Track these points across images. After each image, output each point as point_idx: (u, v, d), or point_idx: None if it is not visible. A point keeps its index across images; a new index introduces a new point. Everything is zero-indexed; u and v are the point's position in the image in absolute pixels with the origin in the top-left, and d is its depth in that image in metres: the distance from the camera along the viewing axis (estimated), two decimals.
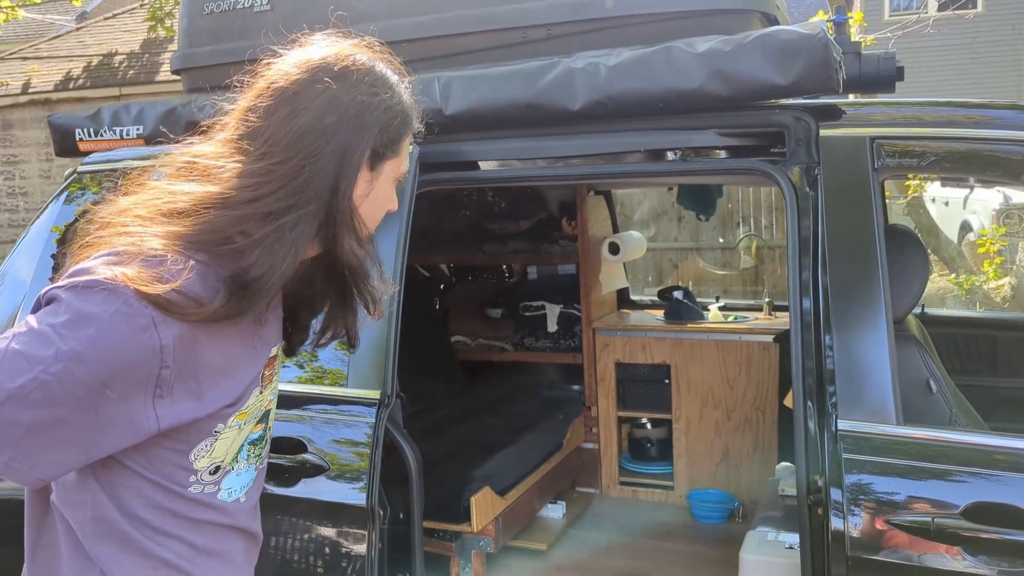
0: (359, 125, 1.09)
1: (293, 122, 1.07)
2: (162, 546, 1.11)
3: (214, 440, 1.10)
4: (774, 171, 1.90)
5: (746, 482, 3.32)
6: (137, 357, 0.96)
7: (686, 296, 3.60)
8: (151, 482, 1.08)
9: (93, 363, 0.94)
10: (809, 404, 1.73)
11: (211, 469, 1.13)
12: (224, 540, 1.18)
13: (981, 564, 1.53)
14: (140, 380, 0.98)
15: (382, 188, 1.16)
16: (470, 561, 2.66)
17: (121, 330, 0.95)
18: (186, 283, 0.99)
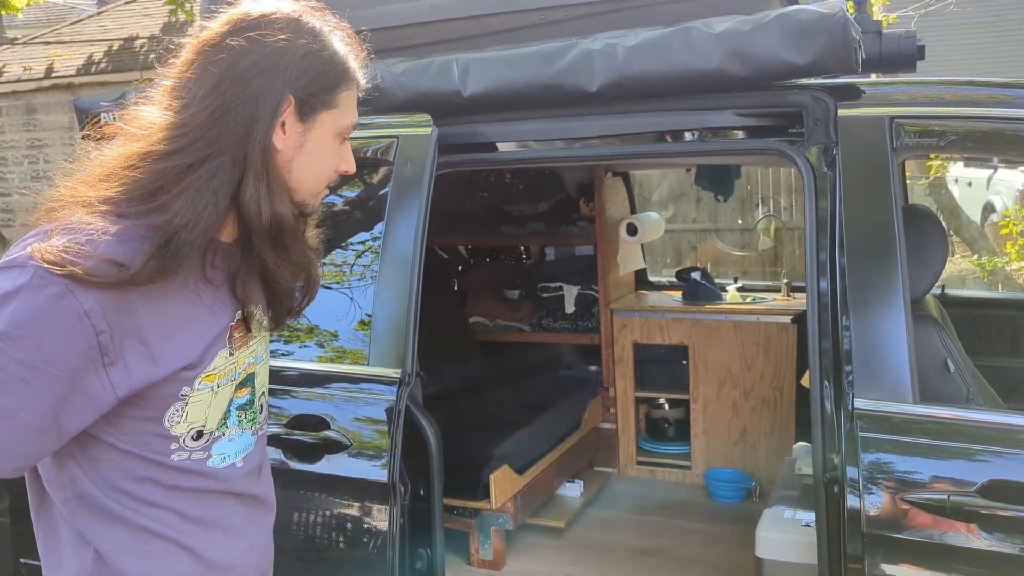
0: (274, 70, 1.07)
1: (210, 70, 1.06)
2: (150, 517, 1.10)
3: (184, 404, 1.09)
4: (792, 151, 1.90)
5: (763, 461, 3.34)
6: (63, 326, 0.96)
7: (704, 277, 3.61)
8: (129, 454, 1.08)
9: (23, 340, 0.95)
10: (826, 383, 1.74)
11: (193, 435, 1.11)
12: (219, 507, 1.17)
13: (997, 541, 1.54)
14: (81, 351, 0.98)
15: (319, 141, 1.13)
16: (489, 538, 2.70)
17: (37, 302, 0.95)
18: (103, 246, 0.98)
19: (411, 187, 2.11)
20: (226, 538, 1.18)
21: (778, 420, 3.32)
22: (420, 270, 2.06)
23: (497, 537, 2.72)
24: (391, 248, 2.10)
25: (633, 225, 3.60)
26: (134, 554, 1.10)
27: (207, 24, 1.12)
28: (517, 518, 2.75)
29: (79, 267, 0.96)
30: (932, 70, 2.24)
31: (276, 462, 2.02)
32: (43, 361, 0.96)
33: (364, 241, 2.23)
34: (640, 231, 3.59)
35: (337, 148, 1.17)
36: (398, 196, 2.12)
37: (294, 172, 1.12)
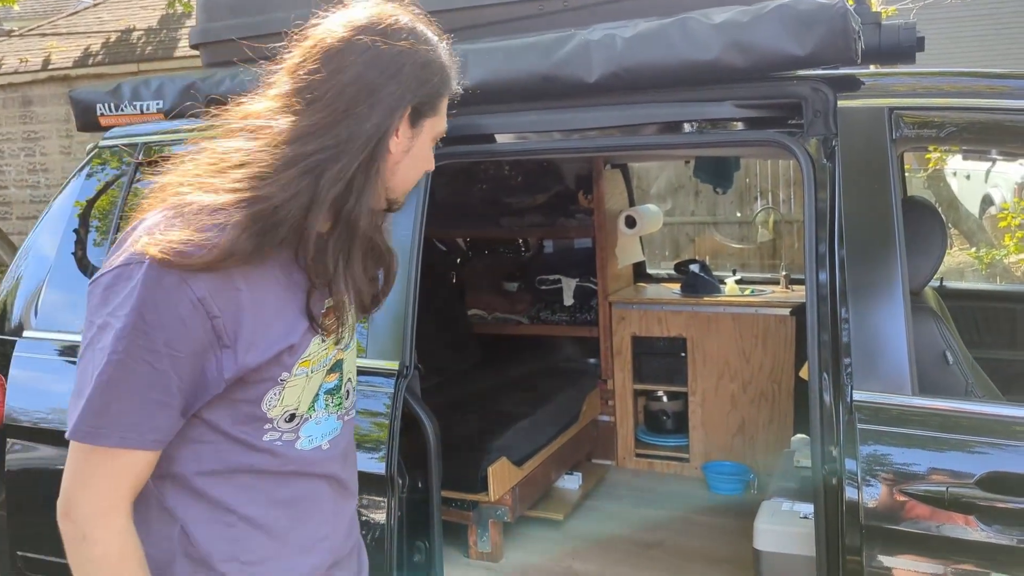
0: (399, 79, 1.13)
1: (338, 77, 1.11)
2: (236, 499, 1.15)
3: (282, 388, 1.15)
4: (791, 143, 1.90)
5: (761, 454, 3.34)
6: (182, 313, 1.04)
7: (702, 269, 3.61)
8: (226, 435, 1.14)
9: (150, 328, 1.03)
10: (825, 376, 1.74)
11: (286, 417, 1.17)
12: (304, 489, 1.21)
13: (996, 533, 1.55)
14: (197, 336, 1.06)
15: (422, 146, 1.20)
16: (487, 530, 2.70)
17: (157, 293, 1.04)
18: (203, 232, 1.04)
19: None
20: (308, 521, 1.22)
21: (776, 412, 3.32)
22: (418, 262, 2.05)
23: (495, 529, 2.72)
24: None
25: (632, 217, 3.59)
26: (219, 536, 1.15)
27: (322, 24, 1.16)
28: (515, 510, 2.75)
29: (185, 255, 1.03)
30: (930, 62, 2.23)
31: None
32: (165, 344, 1.04)
33: None
34: (639, 223, 3.58)
35: (430, 151, 1.23)
36: None
37: (398, 173, 1.19)
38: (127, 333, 1.03)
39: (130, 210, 2.56)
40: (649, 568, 2.66)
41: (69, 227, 2.55)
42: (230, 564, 1.16)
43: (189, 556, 1.15)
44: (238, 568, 1.16)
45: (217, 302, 1.06)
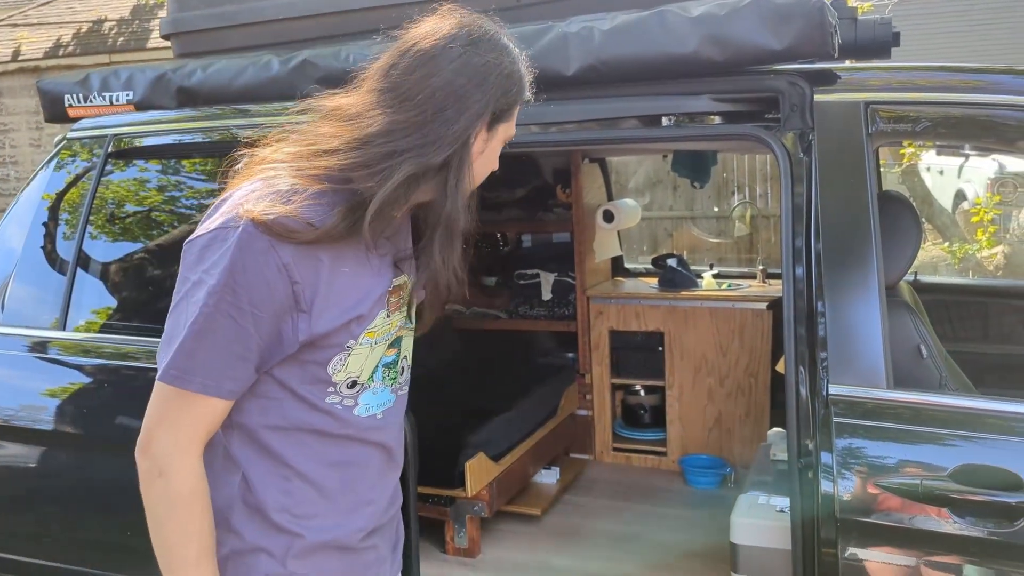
0: (485, 87, 1.22)
1: (430, 81, 1.19)
2: (295, 456, 1.25)
3: (347, 355, 1.24)
4: (768, 137, 1.89)
5: (738, 447, 3.36)
6: (268, 276, 1.15)
7: (680, 264, 3.61)
8: (293, 393, 1.24)
9: (238, 287, 1.14)
10: (801, 369, 1.74)
11: (348, 383, 1.27)
12: (357, 453, 1.31)
13: (968, 525, 1.56)
14: (279, 298, 1.16)
15: (494, 149, 1.30)
16: (464, 526, 2.70)
17: (247, 256, 1.14)
18: (302, 209, 1.15)
19: None
20: (357, 485, 1.32)
21: (753, 406, 3.34)
22: None
23: (472, 525, 2.71)
24: None
25: (610, 212, 3.59)
26: (275, 488, 1.26)
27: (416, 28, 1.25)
28: (493, 506, 2.75)
29: (280, 225, 1.14)
30: (905, 58, 2.24)
31: None
32: (249, 303, 1.15)
33: None
34: (617, 218, 3.58)
35: (498, 153, 1.32)
36: None
37: (473, 171, 1.26)
38: (218, 289, 1.14)
39: (100, 202, 2.52)
40: (626, 561, 2.66)
41: (38, 220, 2.50)
42: (282, 514, 1.26)
43: (246, 503, 1.26)
44: (288, 519, 1.26)
45: (299, 270, 1.16)
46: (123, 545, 2.18)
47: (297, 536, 1.26)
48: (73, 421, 2.27)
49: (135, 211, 2.54)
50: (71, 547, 2.25)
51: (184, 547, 1.19)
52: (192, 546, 1.19)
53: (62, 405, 2.26)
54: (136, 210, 2.54)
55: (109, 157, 2.49)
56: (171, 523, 1.19)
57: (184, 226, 2.43)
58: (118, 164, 2.52)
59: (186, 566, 1.19)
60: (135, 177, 2.56)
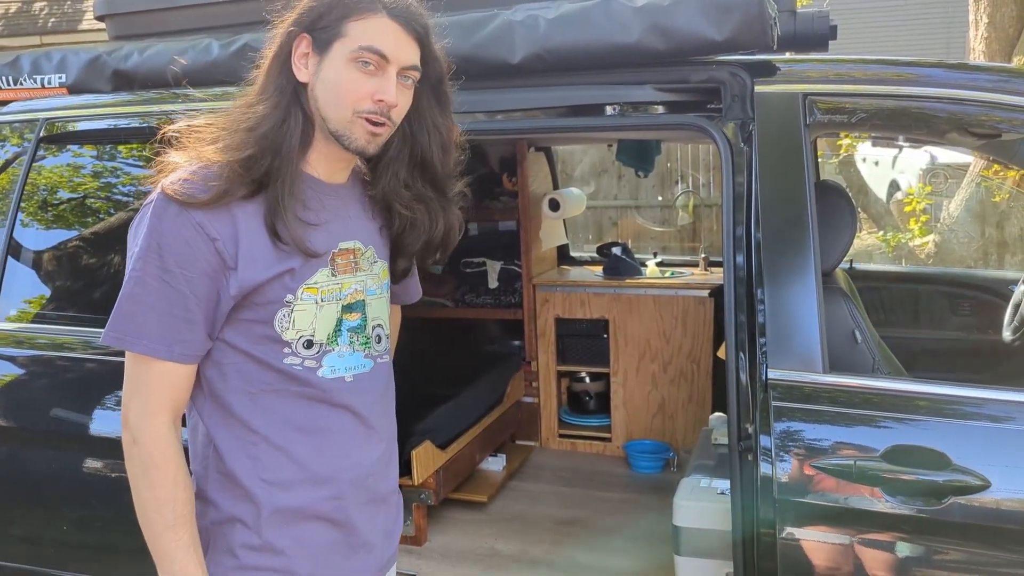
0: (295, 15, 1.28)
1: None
2: (261, 421, 1.28)
3: (290, 311, 1.27)
4: (710, 126, 1.92)
5: (681, 432, 3.42)
6: (186, 235, 1.20)
7: (624, 252, 3.65)
8: (248, 355, 1.27)
9: (162, 250, 1.20)
10: (741, 355, 1.78)
11: (303, 343, 1.28)
12: (324, 418, 1.31)
13: (899, 504, 1.61)
14: (204, 256, 1.21)
15: (339, 70, 1.26)
16: (411, 514, 2.69)
17: (164, 221, 1.21)
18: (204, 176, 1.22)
19: None
20: (327, 449, 1.31)
21: (695, 392, 3.40)
22: None
23: (419, 513, 2.71)
24: None
25: (555, 200, 3.61)
26: (243, 454, 1.28)
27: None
28: (439, 493, 2.75)
29: (185, 193, 1.21)
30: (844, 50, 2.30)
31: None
32: (176, 264, 1.21)
33: None
34: (562, 207, 3.60)
35: (354, 74, 1.26)
36: None
37: (319, 100, 1.29)
38: (143, 254, 1.21)
39: (32, 189, 2.44)
40: (570, 545, 2.70)
41: None
42: (252, 480, 1.28)
43: (219, 471, 1.29)
44: (261, 486, 1.28)
45: (215, 227, 1.21)
46: (57, 539, 2.12)
47: (267, 502, 1.27)
48: (6, 414, 2.20)
49: (69, 198, 2.47)
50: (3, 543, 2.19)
51: (159, 512, 1.21)
52: (166, 511, 1.22)
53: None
54: (70, 197, 2.46)
55: (41, 142, 2.41)
56: (146, 490, 1.22)
57: (120, 213, 2.37)
58: (51, 149, 2.44)
59: (164, 530, 1.22)
60: (68, 163, 2.48)
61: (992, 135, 1.93)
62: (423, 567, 2.55)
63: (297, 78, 1.29)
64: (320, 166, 1.35)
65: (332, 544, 1.33)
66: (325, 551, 1.32)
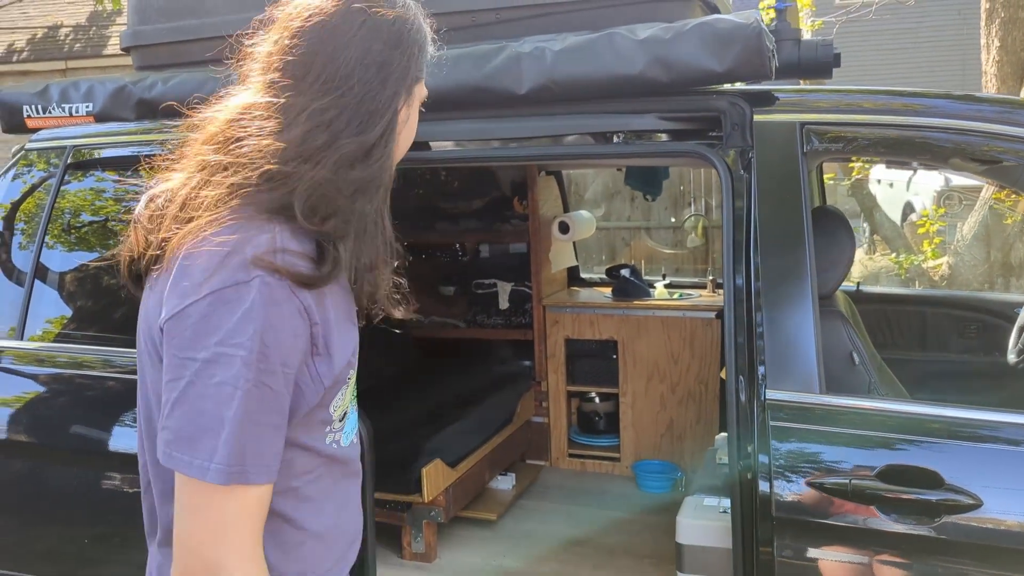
0: (403, 47, 1.09)
1: (344, 53, 1.05)
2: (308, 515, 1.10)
3: (346, 388, 1.12)
4: (711, 154, 1.99)
5: (689, 452, 3.45)
6: (295, 326, 0.99)
7: (633, 274, 3.71)
8: (300, 447, 1.07)
9: (269, 351, 0.96)
10: (740, 376, 1.83)
11: (340, 416, 1.13)
12: (348, 489, 1.18)
13: (893, 522, 1.65)
14: (303, 347, 1.01)
15: (414, 114, 1.17)
16: (421, 531, 2.75)
17: (273, 310, 0.97)
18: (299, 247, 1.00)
19: None
20: (346, 521, 1.19)
21: (703, 412, 3.44)
22: None
23: (429, 530, 2.76)
24: None
25: (565, 223, 3.68)
26: (290, 554, 1.10)
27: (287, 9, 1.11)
28: (449, 511, 2.80)
29: (296, 271, 0.99)
30: (854, 73, 2.35)
31: None
32: (281, 364, 0.98)
33: None
34: (572, 229, 3.67)
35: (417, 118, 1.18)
36: None
37: (399, 145, 1.16)
38: (254, 360, 0.95)
39: (58, 213, 2.54)
40: (576, 564, 2.73)
41: None
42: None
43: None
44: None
45: (317, 309, 1.02)
46: (78, 554, 2.19)
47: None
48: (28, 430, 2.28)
49: (93, 221, 2.56)
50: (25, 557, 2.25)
51: None
52: None
53: (17, 414, 2.27)
54: (94, 220, 2.56)
55: (68, 168, 2.50)
56: None
57: None
58: (76, 175, 2.54)
59: None
60: (93, 187, 2.57)
61: (992, 162, 1.98)
62: None
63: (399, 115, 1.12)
64: None
65: None
66: None
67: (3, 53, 10.87)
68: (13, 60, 10.77)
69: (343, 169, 1.05)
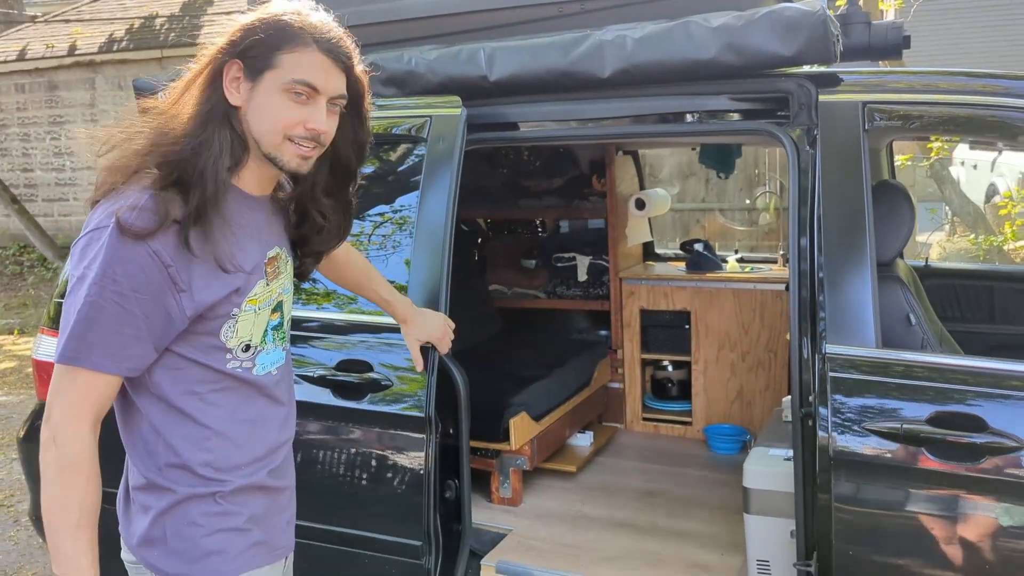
0: (226, 41, 1.37)
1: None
2: (211, 417, 1.44)
3: (235, 322, 1.42)
4: (779, 132, 2.17)
5: (758, 417, 3.62)
6: (142, 263, 1.30)
7: (706, 248, 3.88)
8: (196, 363, 1.41)
9: (115, 276, 1.29)
10: (803, 332, 2.03)
11: (243, 347, 1.45)
12: (261, 408, 1.51)
13: (941, 461, 1.83)
14: (157, 280, 1.32)
15: (269, 97, 1.37)
16: (508, 477, 3.01)
17: (121, 251, 1.30)
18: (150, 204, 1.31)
19: (443, 162, 2.39)
20: (264, 433, 1.53)
21: (772, 379, 3.61)
22: (452, 236, 2.33)
23: (515, 477, 3.02)
24: (425, 216, 2.38)
25: (641, 200, 3.87)
26: (196, 448, 1.44)
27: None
28: (533, 460, 3.05)
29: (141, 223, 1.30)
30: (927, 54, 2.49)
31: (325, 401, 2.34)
32: (131, 289, 1.31)
33: (400, 210, 2.52)
34: (648, 206, 3.86)
35: (284, 102, 1.38)
36: (432, 170, 2.40)
37: (253, 124, 1.40)
38: (99, 280, 1.29)
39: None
40: (651, 512, 2.95)
41: None
42: (206, 469, 1.44)
43: (173, 464, 1.43)
44: (212, 472, 1.44)
45: (168, 253, 1.31)
46: None
47: (222, 484, 1.45)
48: None
49: None
50: None
51: (66, 511, 1.30)
52: (73, 512, 1.30)
53: None
54: None
55: None
56: (56, 487, 1.30)
57: None
58: None
59: (66, 528, 1.30)
60: None
61: None
62: (519, 524, 2.85)
63: (229, 101, 1.37)
64: (251, 182, 1.46)
65: (266, 506, 1.53)
66: (262, 511, 1.52)
67: (103, 42, 11.47)
68: (113, 49, 11.35)
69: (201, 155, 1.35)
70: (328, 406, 2.34)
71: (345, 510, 2.35)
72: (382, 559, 2.32)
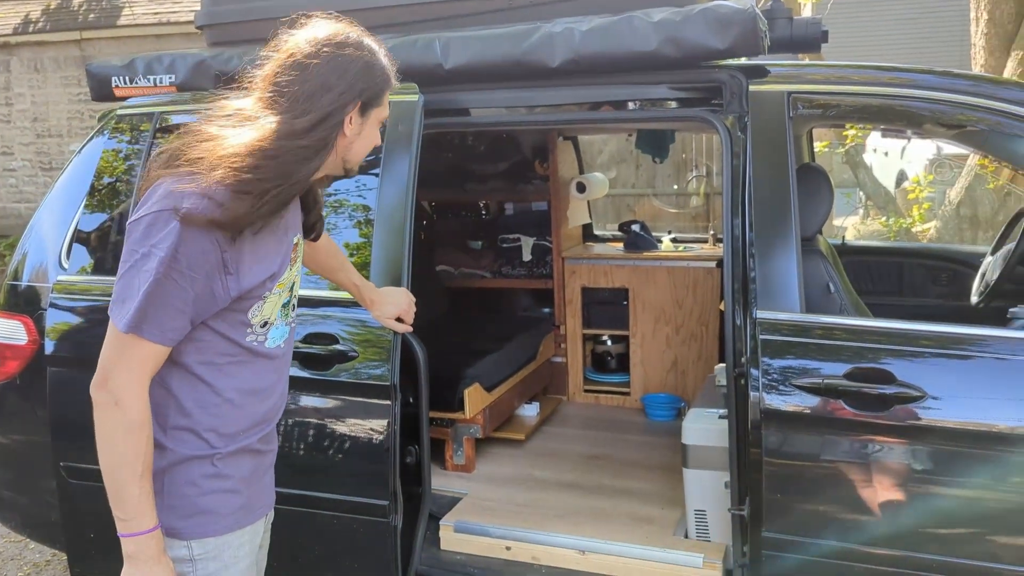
0: (346, 78, 1.52)
1: (308, 84, 1.50)
2: (225, 385, 1.58)
3: (263, 303, 1.59)
4: (714, 119, 2.38)
5: (692, 386, 3.87)
6: (205, 246, 1.44)
7: (643, 229, 4.11)
8: (221, 335, 1.56)
9: (180, 256, 1.43)
10: (736, 301, 2.24)
11: (261, 323, 1.61)
12: (268, 378, 1.66)
13: (856, 411, 2.07)
14: (211, 262, 1.46)
15: (370, 130, 1.63)
16: (462, 445, 3.17)
17: (187, 234, 1.43)
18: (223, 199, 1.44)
19: (402, 144, 2.53)
20: (267, 401, 1.68)
21: (704, 350, 3.86)
22: (412, 216, 2.47)
23: (468, 445, 3.19)
24: (386, 197, 2.51)
25: (582, 183, 4.07)
26: (206, 412, 1.59)
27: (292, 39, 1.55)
28: (486, 428, 3.22)
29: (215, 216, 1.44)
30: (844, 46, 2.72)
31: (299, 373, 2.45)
32: (189, 268, 1.46)
33: (362, 191, 2.64)
34: (588, 189, 4.06)
35: (377, 133, 1.66)
36: (391, 153, 2.54)
37: (352, 150, 1.63)
38: (168, 260, 1.42)
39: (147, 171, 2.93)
40: (596, 473, 3.16)
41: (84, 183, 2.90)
42: (210, 433, 1.58)
43: (180, 426, 1.57)
44: (215, 437, 1.59)
45: (226, 242, 1.47)
46: None
47: (221, 448, 1.60)
48: None
49: None
50: None
51: (134, 464, 1.47)
52: (140, 463, 1.47)
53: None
54: None
55: (157, 132, 2.90)
56: (125, 445, 1.46)
57: None
58: (165, 139, 2.93)
59: (133, 479, 1.47)
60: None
61: (960, 127, 2.34)
62: (473, 488, 3.02)
63: (344, 132, 1.56)
64: None
65: (253, 468, 1.67)
66: (249, 473, 1.67)
67: (19, 23, 11.09)
68: (29, 31, 11.00)
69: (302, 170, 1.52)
70: (297, 377, 2.45)
71: (313, 475, 2.48)
72: (349, 519, 2.45)
